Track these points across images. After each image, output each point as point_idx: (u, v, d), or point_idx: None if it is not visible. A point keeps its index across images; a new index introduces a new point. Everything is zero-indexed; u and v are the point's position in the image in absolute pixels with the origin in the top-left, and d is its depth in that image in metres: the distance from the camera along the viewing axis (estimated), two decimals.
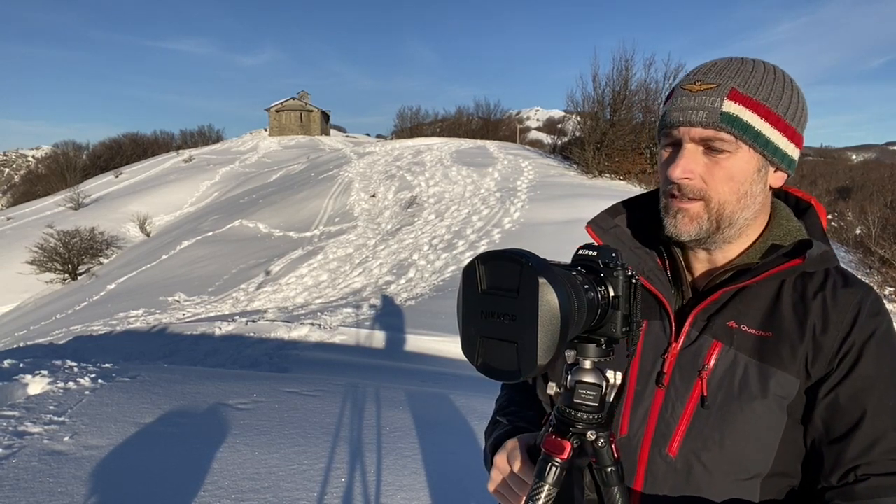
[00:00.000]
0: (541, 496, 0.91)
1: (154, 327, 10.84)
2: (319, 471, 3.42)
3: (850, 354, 0.96)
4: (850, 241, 17.03)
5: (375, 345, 8.18)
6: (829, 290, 1.00)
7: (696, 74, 1.03)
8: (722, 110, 0.98)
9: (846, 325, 0.97)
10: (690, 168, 1.00)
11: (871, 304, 0.99)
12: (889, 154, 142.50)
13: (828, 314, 0.98)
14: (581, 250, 0.95)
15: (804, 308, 0.99)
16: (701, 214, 1.02)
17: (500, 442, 1.07)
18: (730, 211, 1.02)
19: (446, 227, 16.73)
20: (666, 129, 1.04)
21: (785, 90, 1.02)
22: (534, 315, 0.74)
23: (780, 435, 0.98)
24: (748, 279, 1.01)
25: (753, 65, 1.02)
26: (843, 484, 0.93)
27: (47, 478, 3.18)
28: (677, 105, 1.02)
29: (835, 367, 0.96)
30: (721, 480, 0.99)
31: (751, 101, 0.99)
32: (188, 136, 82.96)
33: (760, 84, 1.00)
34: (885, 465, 0.91)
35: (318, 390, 4.84)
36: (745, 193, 1.02)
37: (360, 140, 66.86)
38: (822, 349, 0.97)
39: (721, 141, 0.99)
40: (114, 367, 5.34)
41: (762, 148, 1.00)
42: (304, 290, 13.77)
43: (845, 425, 0.94)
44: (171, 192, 38.55)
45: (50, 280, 26.97)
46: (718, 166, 1.00)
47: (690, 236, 1.03)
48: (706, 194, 1.01)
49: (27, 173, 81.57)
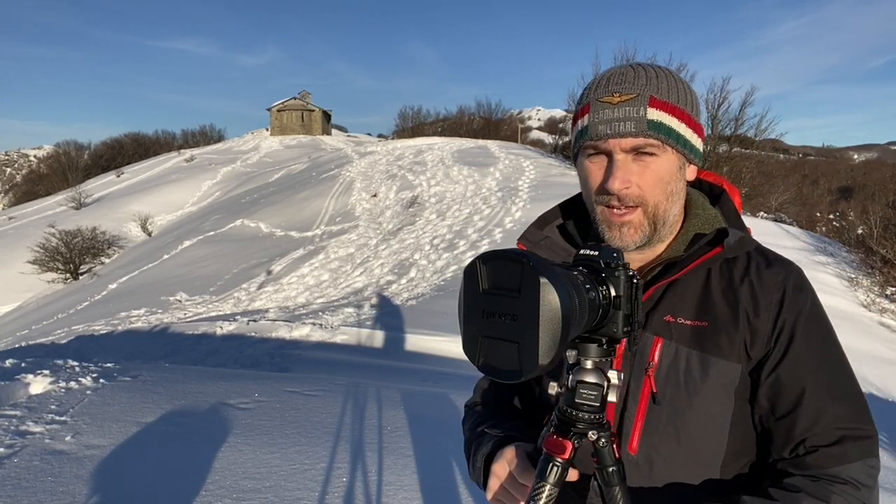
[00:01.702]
0: (542, 496, 0.91)
1: (155, 327, 10.86)
2: (321, 470, 3.42)
3: (783, 334, 1.02)
4: (852, 241, 16.99)
5: (376, 344, 8.18)
6: (754, 273, 1.05)
7: (608, 86, 1.06)
8: (647, 118, 1.02)
9: (775, 306, 1.02)
10: (627, 178, 1.03)
11: (795, 281, 1.05)
12: (891, 154, 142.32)
13: (756, 297, 1.03)
14: (582, 250, 0.95)
15: (734, 294, 1.05)
16: (642, 222, 1.06)
17: (493, 451, 1.09)
18: (662, 210, 1.06)
19: (447, 226, 16.73)
20: (591, 141, 1.06)
21: (687, 91, 1.08)
22: (535, 315, 0.74)
23: (730, 419, 1.03)
24: (676, 272, 1.05)
25: (655, 71, 1.07)
26: (794, 456, 0.99)
27: (49, 477, 3.19)
28: (601, 118, 1.04)
29: (772, 348, 1.02)
30: (682, 470, 1.04)
31: (668, 106, 1.04)
32: (190, 136, 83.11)
33: (669, 89, 1.05)
34: (831, 435, 0.98)
35: (320, 390, 4.84)
36: (672, 192, 1.07)
37: (362, 140, 66.86)
38: (757, 332, 1.02)
39: (650, 146, 1.03)
40: (115, 367, 5.35)
41: (682, 147, 1.06)
42: (305, 289, 13.77)
43: (789, 403, 1.00)
44: (172, 192, 38.59)
45: (51, 280, 27.00)
46: (649, 170, 1.04)
47: (636, 245, 1.07)
48: (643, 200, 1.05)
49: (29, 173, 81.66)
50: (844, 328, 9.92)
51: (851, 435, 0.98)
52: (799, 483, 0.96)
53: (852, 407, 1.00)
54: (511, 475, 1.01)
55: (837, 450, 0.97)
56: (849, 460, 0.96)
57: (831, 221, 21.95)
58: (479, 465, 1.12)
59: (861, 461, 0.97)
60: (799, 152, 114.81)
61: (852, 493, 0.95)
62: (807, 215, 28.60)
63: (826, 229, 21.00)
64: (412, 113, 60.55)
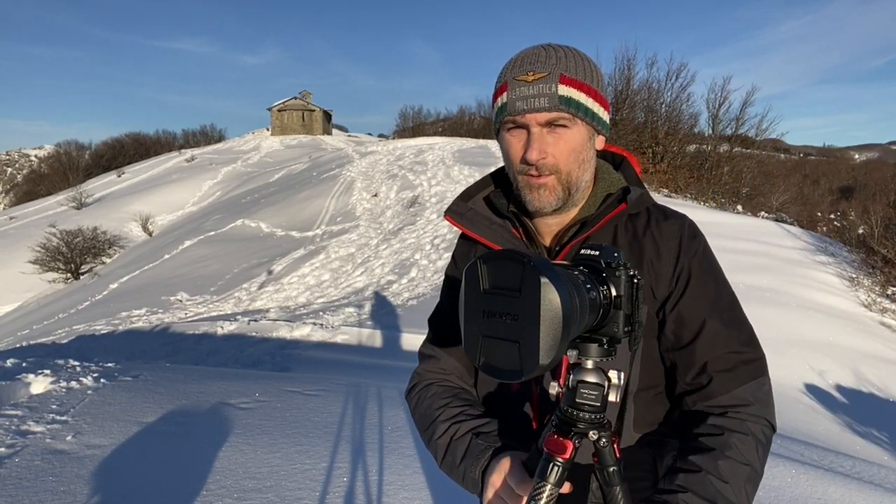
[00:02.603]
0: (543, 496, 0.91)
1: (156, 327, 10.86)
2: (321, 470, 3.42)
3: (682, 274, 1.16)
4: (853, 241, 16.95)
5: (377, 344, 8.18)
6: (654, 226, 1.19)
7: (522, 66, 1.16)
8: (559, 94, 1.13)
9: (674, 251, 1.17)
10: (544, 149, 1.14)
11: (689, 229, 1.20)
12: (892, 153, 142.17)
13: (658, 246, 1.17)
14: (583, 250, 0.96)
15: (638, 245, 1.19)
16: (556, 187, 1.17)
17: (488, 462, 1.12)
18: (575, 177, 1.18)
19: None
20: (510, 116, 1.16)
21: (593, 68, 1.19)
22: (535, 315, 0.74)
23: (639, 355, 1.16)
24: (588, 230, 1.19)
25: (564, 51, 1.17)
26: (697, 384, 1.13)
27: (50, 477, 3.19)
28: (518, 95, 1.14)
29: (674, 287, 1.16)
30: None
31: (576, 83, 1.15)
32: (190, 136, 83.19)
33: (577, 67, 1.16)
34: (726, 360, 1.12)
35: (321, 390, 4.84)
36: (584, 160, 1.19)
37: (362, 139, 66.87)
38: (660, 275, 1.16)
39: (562, 119, 1.14)
40: (116, 367, 5.35)
41: (591, 120, 1.17)
42: (305, 289, 13.77)
43: (690, 333, 1.14)
44: (173, 192, 38.58)
45: (52, 279, 27.01)
46: (562, 141, 1.15)
47: (552, 206, 1.18)
48: (558, 168, 1.16)
49: (30, 173, 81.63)
50: (845, 328, 9.91)
51: (743, 359, 1.13)
52: (718, 423, 1.09)
53: (742, 333, 1.15)
54: (506, 484, 1.03)
55: (732, 374, 1.12)
56: (743, 381, 1.11)
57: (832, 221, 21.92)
58: (476, 477, 1.14)
59: (754, 380, 1.12)
60: (800, 152, 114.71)
61: (753, 411, 1.10)
62: (808, 215, 28.53)
63: (827, 229, 20.96)
64: (413, 113, 60.66)
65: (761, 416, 1.10)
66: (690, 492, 1.01)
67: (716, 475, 1.03)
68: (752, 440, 1.07)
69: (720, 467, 1.03)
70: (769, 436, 1.11)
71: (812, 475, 3.68)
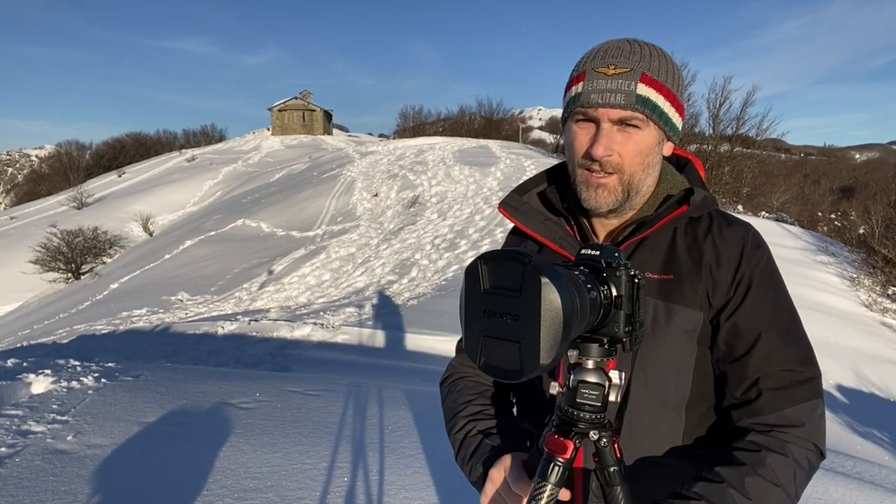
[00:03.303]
0: (543, 496, 0.91)
1: (157, 327, 10.86)
2: (322, 470, 3.42)
3: (742, 284, 1.10)
4: (854, 241, 16.94)
5: (378, 344, 8.18)
6: (716, 231, 1.14)
7: (605, 58, 1.11)
8: (637, 93, 1.08)
9: (735, 259, 1.11)
10: (610, 146, 1.09)
11: (752, 238, 1.14)
12: (892, 153, 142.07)
13: (719, 252, 1.11)
14: (584, 250, 0.95)
15: (697, 250, 1.13)
16: (616, 187, 1.12)
17: (492, 458, 1.12)
18: (637, 180, 1.13)
19: (449, 226, 16.72)
20: (582, 108, 1.11)
21: (675, 71, 1.14)
22: (536, 315, 0.74)
23: (693, 363, 1.11)
24: (646, 230, 1.13)
25: (649, 49, 1.12)
26: (745, 399, 1.07)
27: (50, 476, 3.19)
28: (594, 87, 1.09)
29: (732, 296, 1.10)
30: (650, 411, 1.10)
31: (657, 84, 1.10)
32: (191, 136, 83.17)
33: (660, 68, 1.11)
34: (779, 378, 1.06)
35: (321, 390, 4.84)
36: (649, 164, 1.14)
37: (363, 139, 66.88)
38: (719, 282, 1.10)
39: (636, 119, 1.09)
40: (117, 367, 5.35)
41: (664, 124, 1.12)
42: (306, 289, 13.78)
43: (745, 345, 1.08)
44: (173, 192, 38.60)
45: (53, 279, 27.02)
46: (631, 141, 1.10)
47: (608, 207, 1.13)
48: (621, 168, 1.11)
49: (30, 173, 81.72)
50: (845, 328, 9.91)
51: (798, 378, 1.06)
52: (757, 440, 1.03)
53: (800, 351, 1.08)
54: (505, 482, 1.04)
55: (785, 393, 1.05)
56: (795, 401, 1.04)
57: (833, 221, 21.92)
58: (479, 471, 1.14)
59: (807, 402, 1.05)
60: (800, 152, 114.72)
61: (801, 433, 1.03)
62: (808, 215, 28.54)
63: (827, 229, 20.96)
64: (413, 113, 60.61)
65: (809, 440, 1.03)
66: (705, 500, 0.97)
67: (739, 490, 0.98)
68: (791, 463, 1.01)
69: (746, 483, 0.98)
70: (814, 462, 1.04)
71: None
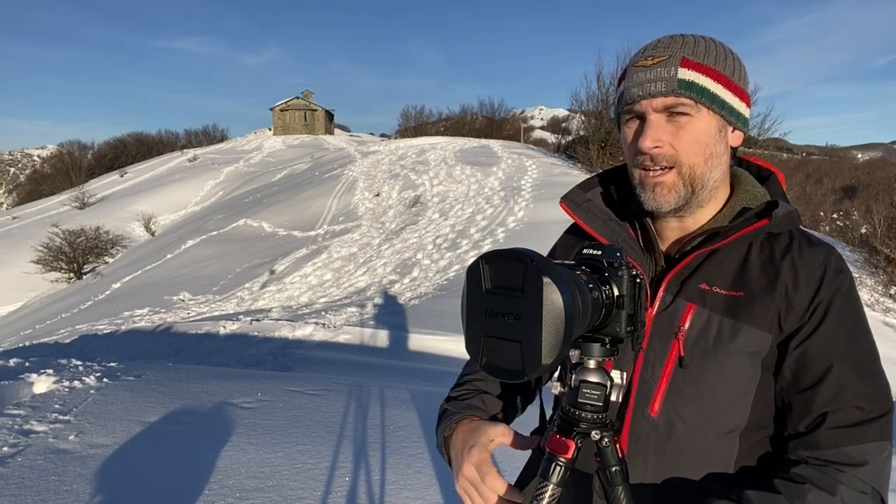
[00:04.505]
0: (545, 496, 0.91)
1: (159, 326, 10.87)
2: (324, 470, 3.42)
3: (818, 309, 1.00)
4: (856, 240, 16.94)
5: (379, 344, 8.18)
6: (797, 251, 1.04)
7: (643, 52, 1.07)
8: (678, 77, 1.03)
9: (815, 282, 1.01)
10: (658, 136, 1.04)
11: (836, 262, 1.04)
12: (895, 153, 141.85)
13: (797, 272, 1.02)
14: (585, 249, 0.95)
15: (774, 268, 1.04)
16: (676, 183, 1.05)
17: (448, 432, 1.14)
18: (700, 173, 1.05)
19: (450, 226, 16.71)
20: (627, 105, 1.07)
21: (728, 55, 1.07)
22: (538, 314, 0.74)
23: (755, 388, 1.02)
24: (718, 242, 1.05)
25: (693, 37, 1.07)
26: (808, 431, 0.97)
27: (52, 476, 3.20)
28: (634, 81, 1.05)
29: (806, 321, 1.00)
30: (702, 436, 1.03)
31: (702, 66, 1.03)
32: (193, 136, 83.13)
33: (706, 51, 1.05)
34: (848, 414, 0.95)
35: (323, 389, 4.85)
36: (711, 154, 1.06)
37: (365, 139, 66.90)
38: (793, 305, 1.01)
39: (682, 105, 1.03)
40: (119, 366, 5.36)
41: (719, 108, 1.05)
42: (308, 289, 13.78)
43: (813, 376, 0.98)
44: (175, 192, 38.64)
45: (55, 279, 27.06)
46: (684, 130, 1.04)
47: (671, 206, 1.07)
48: (677, 160, 1.04)
49: (32, 173, 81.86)
50: None
51: (868, 417, 0.96)
52: (805, 473, 0.94)
53: (875, 387, 0.98)
54: (479, 480, 1.03)
55: (851, 432, 0.95)
56: (861, 441, 0.94)
57: (835, 221, 21.90)
58: (441, 439, 1.17)
59: (874, 443, 0.95)
60: (803, 151, 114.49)
61: (860, 474, 0.93)
62: (810, 214, 28.51)
63: (830, 228, 20.94)
64: (415, 112, 60.43)
65: (868, 483, 0.93)
66: None
67: None
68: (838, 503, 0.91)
69: None
70: None
71: None
